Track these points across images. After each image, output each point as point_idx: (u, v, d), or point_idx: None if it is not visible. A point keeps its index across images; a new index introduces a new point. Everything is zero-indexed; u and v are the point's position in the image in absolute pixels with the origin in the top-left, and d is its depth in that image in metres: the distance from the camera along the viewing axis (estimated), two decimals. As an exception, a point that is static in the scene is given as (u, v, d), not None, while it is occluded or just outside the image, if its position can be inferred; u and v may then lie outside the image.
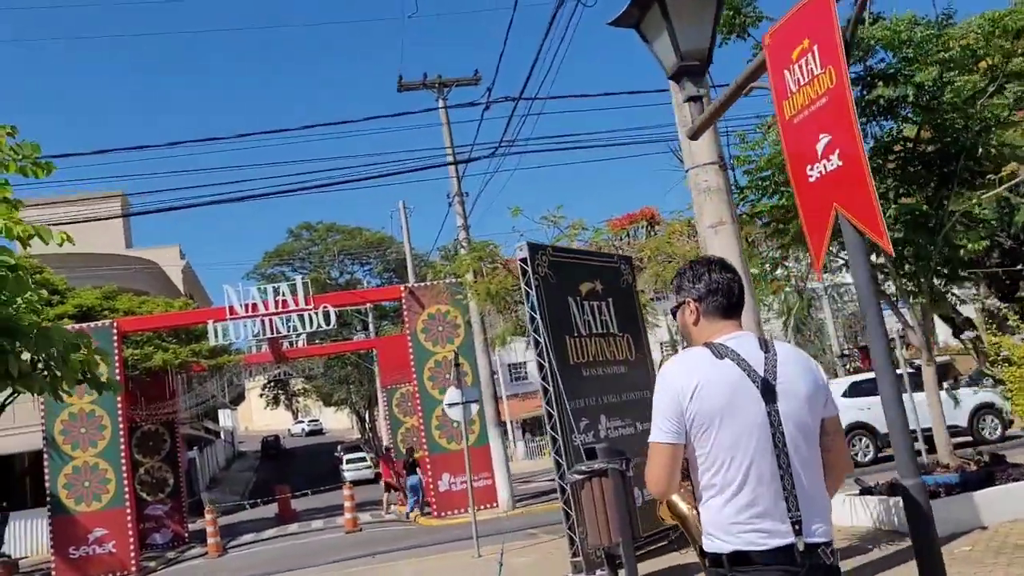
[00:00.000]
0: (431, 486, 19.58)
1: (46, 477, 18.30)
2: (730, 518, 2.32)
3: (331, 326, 19.89)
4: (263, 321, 19.52)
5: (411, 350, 19.98)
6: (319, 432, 74.09)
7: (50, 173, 7.14)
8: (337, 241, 48.61)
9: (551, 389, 8.55)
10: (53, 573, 17.87)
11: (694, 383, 2.36)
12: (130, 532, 18.20)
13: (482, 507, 19.13)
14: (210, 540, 19.13)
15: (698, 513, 2.46)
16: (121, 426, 18.66)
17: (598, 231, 18.29)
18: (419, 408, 19.96)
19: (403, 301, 20.57)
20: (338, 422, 73.31)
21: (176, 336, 25.37)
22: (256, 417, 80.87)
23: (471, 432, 19.82)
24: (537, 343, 8.67)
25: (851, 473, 2.64)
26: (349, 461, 41.82)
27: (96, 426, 18.48)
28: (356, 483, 27.38)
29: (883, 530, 8.26)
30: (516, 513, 17.82)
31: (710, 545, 2.37)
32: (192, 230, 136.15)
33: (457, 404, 11.56)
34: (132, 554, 18.12)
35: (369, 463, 42.50)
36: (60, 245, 5.56)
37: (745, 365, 2.39)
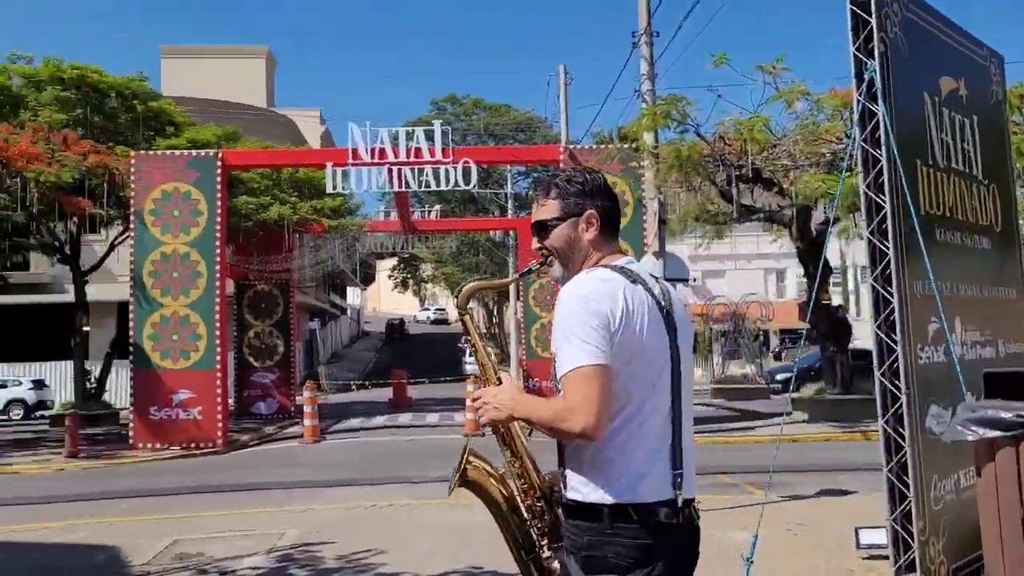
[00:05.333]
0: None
1: (130, 325, 15.79)
2: (621, 467, 1.97)
3: (471, 186, 16.16)
4: (390, 171, 16.00)
5: (564, 227, 16.09)
6: (444, 321, 72.76)
7: None
8: (482, 119, 44.71)
9: (891, 254, 4.41)
10: (131, 433, 15.53)
11: (620, 306, 1.97)
12: (219, 399, 15.51)
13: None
14: (307, 422, 16.28)
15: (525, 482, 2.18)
16: (218, 275, 15.77)
17: (819, 99, 13.86)
18: (567, 298, 16.20)
19: (560, 166, 16.60)
20: (464, 313, 71.51)
21: (299, 191, 22.62)
22: (384, 299, 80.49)
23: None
24: (874, 163, 4.49)
25: None
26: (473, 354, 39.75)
27: (190, 272, 15.65)
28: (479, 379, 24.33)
29: None
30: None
31: (588, 495, 1.98)
32: (334, 96, 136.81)
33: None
34: (219, 424, 15.47)
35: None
36: None
37: (653, 293, 2.04)
